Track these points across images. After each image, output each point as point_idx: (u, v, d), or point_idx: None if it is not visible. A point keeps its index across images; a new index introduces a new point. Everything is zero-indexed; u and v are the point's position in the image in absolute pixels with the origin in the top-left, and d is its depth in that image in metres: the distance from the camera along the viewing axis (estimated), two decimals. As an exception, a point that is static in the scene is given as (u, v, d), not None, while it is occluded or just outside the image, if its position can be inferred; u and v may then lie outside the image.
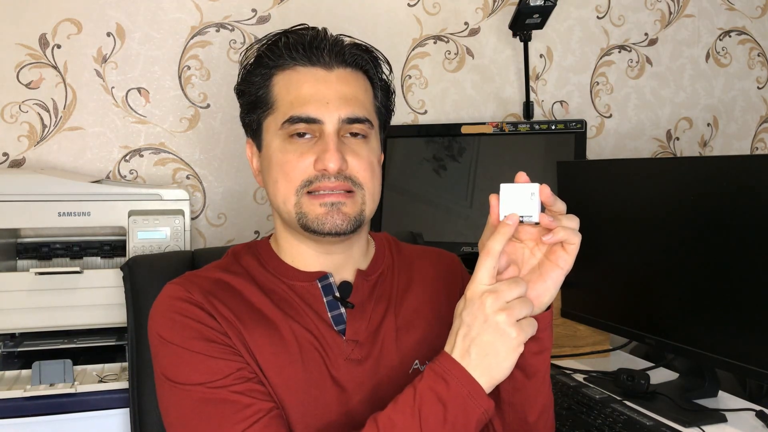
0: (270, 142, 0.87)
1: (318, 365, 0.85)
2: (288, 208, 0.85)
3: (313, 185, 0.83)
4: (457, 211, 1.74)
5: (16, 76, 1.64)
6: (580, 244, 0.77)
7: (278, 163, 0.85)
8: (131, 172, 1.72)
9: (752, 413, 1.20)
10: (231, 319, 0.83)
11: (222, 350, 0.81)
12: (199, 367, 0.79)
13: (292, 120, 0.84)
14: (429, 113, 1.91)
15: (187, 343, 0.80)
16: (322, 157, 0.83)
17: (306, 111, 0.84)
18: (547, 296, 0.80)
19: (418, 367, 0.89)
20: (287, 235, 0.90)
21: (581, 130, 1.68)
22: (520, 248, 0.81)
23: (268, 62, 0.87)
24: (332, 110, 0.84)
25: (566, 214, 0.77)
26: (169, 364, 0.81)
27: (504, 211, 0.77)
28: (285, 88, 0.86)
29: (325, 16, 1.79)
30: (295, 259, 0.90)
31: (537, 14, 1.72)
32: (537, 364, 0.83)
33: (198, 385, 0.79)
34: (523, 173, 0.77)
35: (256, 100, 0.88)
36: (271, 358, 0.83)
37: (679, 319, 1.24)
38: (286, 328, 0.85)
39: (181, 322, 0.82)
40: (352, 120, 0.85)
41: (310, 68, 0.86)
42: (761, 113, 2.17)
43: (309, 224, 0.84)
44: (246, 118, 0.91)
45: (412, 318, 0.92)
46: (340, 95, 0.85)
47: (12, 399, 1.25)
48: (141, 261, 1.12)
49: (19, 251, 1.49)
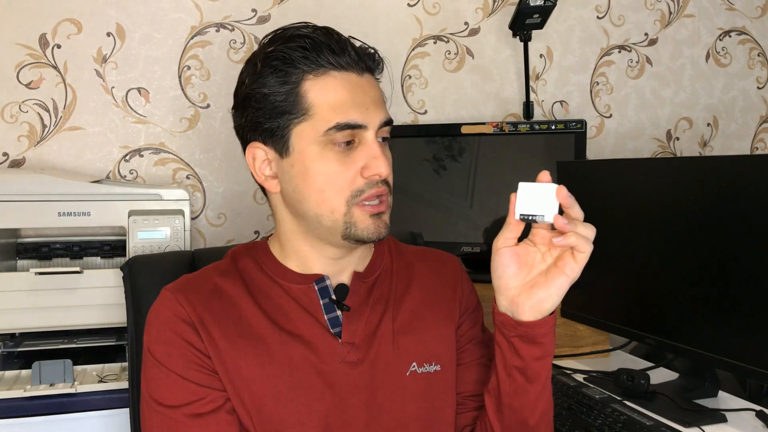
0: (305, 150, 0.83)
1: (309, 372, 0.84)
2: (336, 217, 0.83)
3: (364, 194, 0.83)
4: (457, 211, 1.74)
5: (16, 76, 1.64)
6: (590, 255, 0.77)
7: (323, 173, 0.82)
8: (131, 172, 1.72)
9: (752, 413, 1.20)
10: (217, 335, 0.84)
11: (198, 374, 0.82)
12: (172, 388, 0.82)
13: (339, 127, 0.81)
14: (429, 113, 1.91)
15: (168, 361, 0.82)
16: (372, 164, 0.82)
17: (352, 117, 0.82)
18: (550, 303, 0.80)
19: (416, 369, 0.89)
20: (299, 240, 0.89)
21: (581, 130, 1.68)
22: (533, 252, 0.81)
23: (295, 65, 0.82)
24: (372, 115, 0.83)
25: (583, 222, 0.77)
26: (151, 379, 0.84)
27: (520, 209, 0.77)
28: (322, 93, 0.82)
29: (326, 16, 1.79)
30: (296, 262, 0.90)
31: (537, 14, 1.72)
32: (539, 368, 0.83)
33: (167, 408, 0.81)
34: (547, 172, 0.78)
35: (282, 105, 0.83)
36: (256, 370, 0.83)
37: (679, 319, 1.24)
38: (274, 339, 0.85)
39: (167, 337, 0.83)
40: (385, 123, 0.85)
41: (343, 73, 0.83)
42: (761, 113, 2.17)
43: (357, 234, 0.84)
44: (266, 123, 0.84)
45: (410, 320, 0.91)
46: (374, 100, 0.84)
47: (12, 399, 1.25)
48: (141, 261, 1.12)
49: (19, 251, 1.49)
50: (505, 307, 0.84)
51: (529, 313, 0.81)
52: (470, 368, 0.95)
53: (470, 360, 0.95)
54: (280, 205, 0.89)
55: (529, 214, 0.77)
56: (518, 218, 0.78)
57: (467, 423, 0.94)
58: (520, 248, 0.82)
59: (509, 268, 0.82)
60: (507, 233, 0.82)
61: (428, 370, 0.90)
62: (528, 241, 0.83)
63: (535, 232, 0.82)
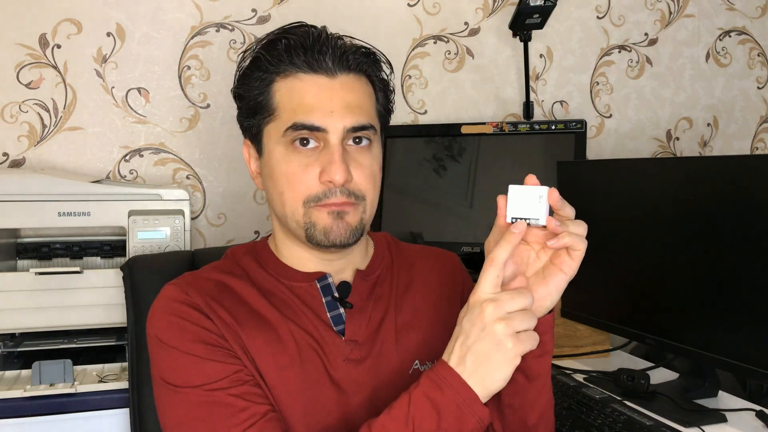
0: (272, 150, 0.85)
1: (316, 366, 0.84)
2: (297, 218, 0.84)
3: (321, 202, 0.82)
4: (457, 211, 1.74)
5: (16, 76, 1.64)
6: (585, 251, 0.76)
7: (283, 174, 0.83)
8: (131, 172, 1.72)
9: (752, 413, 1.20)
10: (229, 321, 0.83)
11: (219, 353, 0.81)
12: (195, 369, 0.79)
13: (295, 126, 0.82)
14: (429, 113, 1.91)
15: (184, 346, 0.80)
16: (327, 168, 0.81)
17: (310, 119, 0.82)
18: (549, 301, 0.80)
19: (419, 367, 0.89)
20: (287, 240, 0.90)
21: (581, 130, 1.68)
22: (526, 251, 0.81)
23: (268, 67, 0.84)
24: (336, 119, 0.82)
25: (574, 219, 0.77)
26: (167, 367, 0.81)
27: (511, 212, 0.76)
28: (287, 95, 0.83)
29: (326, 16, 1.79)
30: (294, 262, 0.90)
31: (537, 14, 1.72)
32: (538, 367, 0.83)
33: (194, 388, 0.79)
34: (533, 176, 0.77)
35: (256, 105, 0.86)
36: (268, 360, 0.83)
37: (679, 319, 1.24)
38: (284, 330, 0.85)
39: (179, 325, 0.82)
40: (357, 128, 0.84)
41: (312, 76, 0.83)
42: (761, 113, 2.17)
43: (316, 235, 0.83)
44: (245, 121, 0.89)
45: (412, 318, 0.92)
46: (344, 104, 0.83)
47: (12, 399, 1.25)
48: (141, 261, 1.12)
49: (19, 251, 1.49)
50: None
51: None
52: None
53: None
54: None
55: (521, 217, 0.76)
56: (509, 221, 0.77)
57: (467, 422, 0.93)
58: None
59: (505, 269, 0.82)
60: (497, 236, 0.80)
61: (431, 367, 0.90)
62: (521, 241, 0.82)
63: (527, 231, 0.81)
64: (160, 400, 0.83)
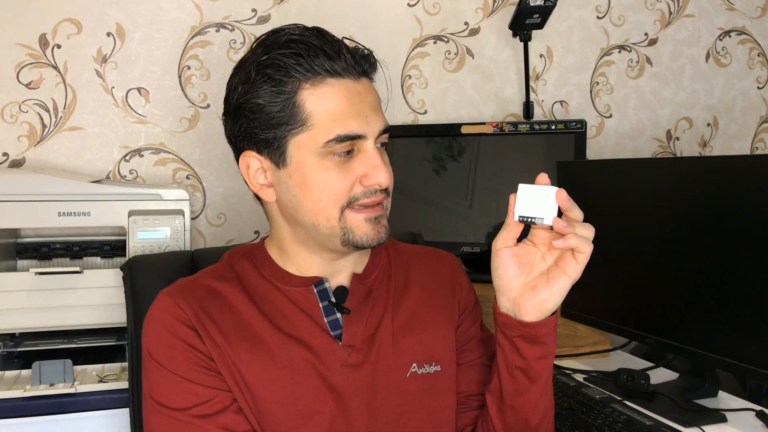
0: (303, 160, 0.81)
1: (310, 374, 0.84)
2: (332, 224, 0.82)
3: (359, 201, 0.82)
4: (457, 211, 1.74)
5: (16, 76, 1.64)
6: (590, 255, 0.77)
7: (321, 182, 0.81)
8: (131, 172, 1.72)
9: (752, 413, 1.20)
10: (217, 338, 0.83)
11: (204, 376, 0.81)
12: (180, 392, 0.81)
13: (339, 139, 0.79)
14: (429, 113, 1.91)
15: (172, 365, 0.81)
16: (372, 173, 0.81)
17: (351, 128, 0.80)
18: (552, 302, 0.80)
19: (416, 370, 0.89)
20: (297, 246, 0.88)
21: (581, 130, 1.68)
22: (533, 252, 0.81)
23: (291, 73, 0.80)
24: (372, 124, 0.82)
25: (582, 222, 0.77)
26: (155, 384, 0.83)
27: (519, 210, 0.78)
28: (320, 103, 0.80)
29: (326, 16, 1.79)
30: (294, 266, 0.89)
31: (537, 14, 1.72)
32: (540, 368, 0.84)
33: (177, 411, 0.80)
34: (545, 175, 0.77)
35: (278, 116, 0.81)
36: (258, 375, 0.83)
37: (679, 319, 1.24)
38: (275, 342, 0.84)
39: (168, 342, 0.82)
40: (384, 130, 0.84)
41: (340, 80, 0.81)
42: (761, 113, 2.17)
43: (356, 240, 0.83)
44: (261, 133, 0.82)
45: (409, 321, 0.91)
46: (372, 107, 0.83)
47: (12, 399, 1.25)
48: (141, 261, 1.12)
49: (19, 251, 1.49)
50: (507, 308, 0.84)
51: (532, 313, 0.81)
52: (471, 368, 0.95)
53: (470, 359, 0.95)
54: (276, 213, 0.88)
55: (528, 216, 0.77)
56: (517, 220, 0.78)
57: (468, 422, 0.94)
58: (519, 249, 0.82)
59: (510, 269, 0.82)
60: (506, 234, 0.82)
61: (428, 370, 0.89)
62: (527, 241, 0.83)
63: (534, 232, 0.82)
64: (146, 415, 0.84)
